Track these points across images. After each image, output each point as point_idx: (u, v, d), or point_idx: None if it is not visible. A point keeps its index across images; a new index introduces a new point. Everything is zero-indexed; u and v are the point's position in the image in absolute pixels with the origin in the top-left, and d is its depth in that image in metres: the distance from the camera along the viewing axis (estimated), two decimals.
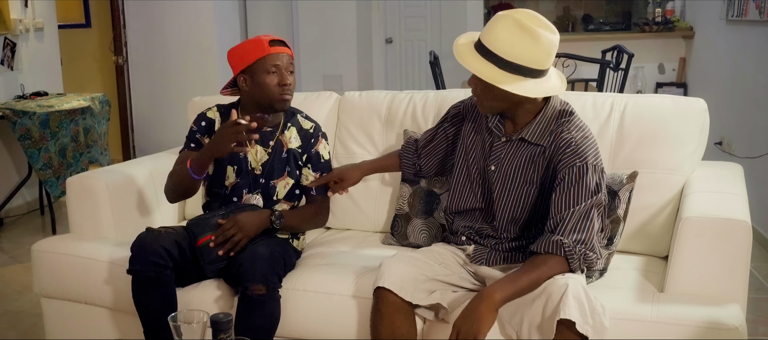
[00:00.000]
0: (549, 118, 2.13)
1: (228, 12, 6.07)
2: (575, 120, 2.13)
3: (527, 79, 2.03)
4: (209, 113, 2.60)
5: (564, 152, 2.06)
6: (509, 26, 2.01)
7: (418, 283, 2.10)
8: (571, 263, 1.99)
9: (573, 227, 1.99)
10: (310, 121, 2.62)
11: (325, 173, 2.57)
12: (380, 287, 2.07)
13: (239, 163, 2.51)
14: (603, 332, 1.91)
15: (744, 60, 4.65)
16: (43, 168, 4.52)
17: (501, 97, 2.07)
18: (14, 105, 4.59)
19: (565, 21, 7.53)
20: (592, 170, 2.03)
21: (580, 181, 2.02)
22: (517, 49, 2.00)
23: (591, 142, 2.09)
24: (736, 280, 2.09)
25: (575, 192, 2.01)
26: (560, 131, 2.09)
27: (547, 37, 2.03)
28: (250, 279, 2.21)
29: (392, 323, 2.06)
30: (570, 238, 1.99)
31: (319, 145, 2.59)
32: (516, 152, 2.16)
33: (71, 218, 2.79)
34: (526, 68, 2.02)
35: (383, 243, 2.72)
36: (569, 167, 2.04)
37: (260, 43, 2.44)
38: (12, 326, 3.31)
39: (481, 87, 2.08)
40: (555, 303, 1.91)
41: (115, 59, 6.00)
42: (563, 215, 2.01)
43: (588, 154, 2.05)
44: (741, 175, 2.61)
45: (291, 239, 2.57)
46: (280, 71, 2.44)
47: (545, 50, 2.03)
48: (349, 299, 2.27)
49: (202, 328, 1.73)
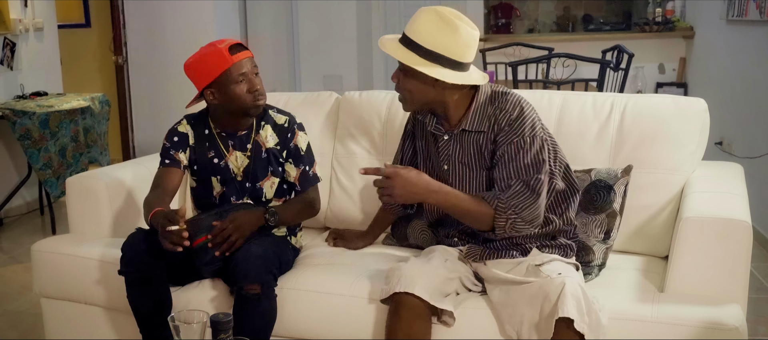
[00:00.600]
0: (483, 104, 2.17)
1: (228, 12, 6.07)
2: (510, 97, 2.17)
3: (446, 69, 2.08)
4: (180, 127, 2.54)
5: (502, 130, 2.12)
6: (430, 18, 2.08)
7: (436, 285, 2.10)
8: (497, 220, 2.07)
9: (514, 193, 2.06)
10: (283, 114, 2.56)
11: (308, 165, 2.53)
12: (402, 292, 2.04)
13: (222, 173, 2.50)
14: (599, 329, 1.92)
15: (744, 60, 4.65)
16: (43, 168, 4.52)
17: (422, 91, 2.13)
18: (14, 105, 4.59)
19: (565, 21, 7.53)
20: (529, 143, 2.09)
21: (519, 154, 2.08)
22: (437, 39, 2.07)
23: (527, 115, 2.12)
24: (736, 280, 2.09)
25: (514, 165, 2.08)
26: (497, 113, 2.14)
27: (466, 29, 2.10)
28: (244, 279, 2.20)
29: (410, 328, 2.05)
30: (508, 202, 2.06)
31: (297, 138, 2.53)
32: (461, 145, 2.21)
33: (71, 218, 2.79)
34: (445, 58, 2.08)
35: (383, 244, 2.72)
36: (508, 144, 2.10)
37: (220, 54, 2.35)
38: (12, 326, 3.31)
39: (403, 80, 2.14)
40: (552, 303, 1.92)
41: (115, 59, 6.00)
42: (509, 182, 2.09)
43: (524, 129, 2.10)
44: (741, 175, 2.61)
45: (289, 237, 2.56)
46: (248, 78, 2.38)
47: (464, 41, 2.09)
48: (349, 299, 2.27)
49: (202, 328, 1.73)
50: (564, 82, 4.24)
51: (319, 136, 2.94)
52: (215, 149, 2.50)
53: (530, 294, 2.00)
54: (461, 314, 2.14)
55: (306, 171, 2.53)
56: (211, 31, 5.81)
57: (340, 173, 2.91)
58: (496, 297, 2.14)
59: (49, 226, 4.77)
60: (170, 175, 2.48)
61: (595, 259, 2.33)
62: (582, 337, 1.89)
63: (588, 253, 2.34)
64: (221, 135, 2.51)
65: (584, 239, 2.35)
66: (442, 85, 2.12)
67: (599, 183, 2.38)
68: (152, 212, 2.27)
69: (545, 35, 7.21)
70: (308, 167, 2.54)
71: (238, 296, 2.23)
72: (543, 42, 6.00)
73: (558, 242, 2.23)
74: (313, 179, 2.55)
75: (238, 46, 2.40)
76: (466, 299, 2.19)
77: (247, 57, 2.40)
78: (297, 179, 2.53)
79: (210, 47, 2.38)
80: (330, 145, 2.95)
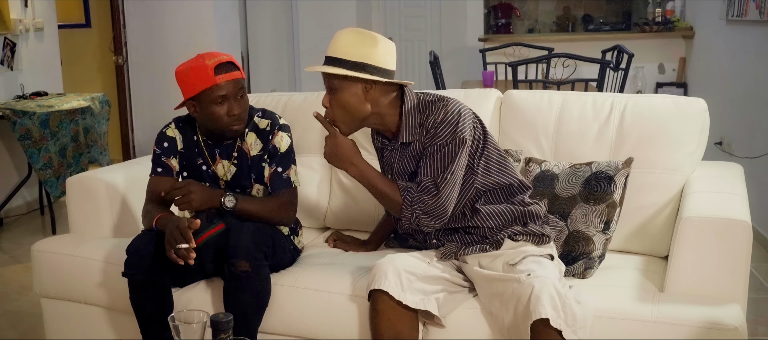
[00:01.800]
0: (411, 112, 2.23)
1: (228, 12, 6.07)
2: (438, 103, 2.21)
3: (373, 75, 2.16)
4: (169, 131, 2.50)
5: (429, 133, 2.18)
6: (349, 33, 2.19)
7: (410, 282, 2.11)
8: (404, 211, 2.17)
9: (422, 189, 2.16)
10: (267, 117, 2.50)
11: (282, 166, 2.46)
12: (376, 289, 2.08)
13: (211, 180, 2.48)
14: (576, 322, 1.93)
15: (744, 60, 4.65)
16: (43, 168, 4.52)
17: (354, 105, 2.19)
18: (14, 105, 4.59)
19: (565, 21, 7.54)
20: (446, 144, 2.15)
21: (435, 155, 2.15)
22: (360, 50, 2.15)
23: (450, 118, 2.16)
24: (736, 280, 2.09)
25: (431, 164, 2.16)
26: (426, 120, 2.20)
27: (384, 40, 2.21)
28: (234, 255, 2.20)
29: (393, 323, 2.07)
30: (416, 197, 2.15)
31: (275, 138, 2.46)
32: (400, 155, 2.27)
33: (71, 218, 2.80)
34: (371, 66, 2.15)
35: (386, 245, 2.72)
36: (430, 146, 2.17)
37: (205, 71, 2.30)
38: (12, 326, 3.31)
39: (333, 100, 2.21)
40: (524, 304, 1.94)
41: (115, 59, 6.00)
42: (420, 180, 2.17)
43: (446, 131, 2.16)
44: (741, 175, 2.61)
45: (291, 236, 2.56)
46: (228, 101, 2.33)
47: (385, 49, 2.19)
48: (349, 298, 2.27)
49: (202, 328, 1.73)
50: (564, 82, 4.24)
51: (319, 136, 2.94)
52: (203, 157, 2.49)
53: (505, 297, 2.03)
54: (456, 314, 2.16)
55: (278, 172, 2.45)
56: (211, 31, 5.82)
57: (340, 173, 2.91)
58: (482, 296, 2.17)
59: (49, 226, 4.77)
60: (165, 183, 2.45)
61: (595, 249, 2.34)
62: (560, 334, 1.90)
63: (588, 243, 2.34)
64: (207, 143, 2.49)
65: (584, 229, 2.35)
66: (373, 95, 2.19)
67: (600, 174, 2.39)
68: (159, 216, 2.28)
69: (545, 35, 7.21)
70: (281, 169, 2.46)
71: (228, 273, 2.22)
72: (543, 42, 6.01)
73: (529, 230, 2.24)
74: (285, 182, 2.46)
75: (228, 64, 2.35)
76: (462, 300, 2.19)
77: (232, 79, 2.34)
78: (269, 179, 2.47)
79: (199, 60, 2.34)
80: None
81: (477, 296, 2.20)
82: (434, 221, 2.18)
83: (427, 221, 2.17)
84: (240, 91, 2.37)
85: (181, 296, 2.39)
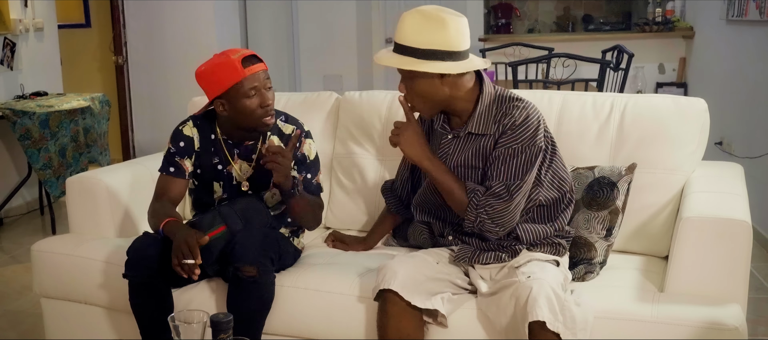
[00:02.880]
0: (488, 105, 2.18)
1: (228, 12, 6.07)
2: (519, 103, 2.17)
3: (447, 62, 2.09)
4: (185, 130, 2.46)
5: (505, 133, 2.13)
6: (416, 19, 2.10)
7: (419, 283, 2.10)
8: (467, 213, 2.13)
9: (492, 193, 2.10)
10: (291, 123, 2.50)
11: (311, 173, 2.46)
12: (385, 289, 2.07)
13: (225, 179, 2.46)
14: (575, 325, 1.92)
15: (744, 60, 4.65)
16: (43, 168, 4.52)
17: (432, 91, 2.13)
18: (14, 105, 4.59)
19: (565, 21, 7.54)
20: (524, 151, 2.11)
21: (511, 159, 2.11)
22: (428, 37, 2.07)
23: (531, 123, 2.13)
24: (736, 280, 2.09)
25: (505, 169, 2.11)
26: (502, 116, 2.15)
27: (453, 19, 2.11)
28: (240, 260, 2.19)
29: (399, 323, 2.06)
30: (484, 201, 2.10)
31: (304, 146, 2.47)
32: (464, 146, 2.21)
33: (71, 218, 2.79)
34: (442, 52, 2.08)
35: (384, 244, 2.72)
36: (504, 147, 2.12)
37: (233, 65, 2.27)
38: (12, 326, 3.31)
39: (410, 87, 2.15)
40: (522, 306, 1.93)
41: (115, 59, 6.00)
42: (490, 183, 2.12)
43: (525, 136, 2.12)
44: (741, 175, 2.61)
45: (291, 238, 2.56)
46: (260, 92, 2.31)
47: (455, 31, 2.10)
48: (351, 298, 2.27)
49: (202, 328, 1.73)
50: (564, 82, 4.24)
51: (319, 137, 2.94)
52: (220, 156, 2.46)
53: (504, 298, 2.02)
54: (457, 315, 2.15)
55: (308, 179, 2.47)
56: (211, 31, 5.82)
57: (340, 173, 2.91)
58: (482, 297, 2.16)
59: (49, 226, 4.77)
60: (175, 185, 2.43)
61: (597, 256, 2.33)
62: (558, 336, 1.89)
63: (590, 249, 2.34)
64: (227, 142, 2.46)
65: (586, 235, 2.35)
66: (450, 80, 2.13)
67: (603, 180, 2.38)
68: (167, 221, 2.25)
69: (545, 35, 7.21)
70: (311, 175, 2.48)
71: (233, 277, 2.21)
72: (543, 42, 6.00)
73: (549, 240, 2.23)
74: (316, 188, 2.48)
75: (253, 57, 2.33)
76: (464, 301, 2.19)
77: (261, 69, 2.33)
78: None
79: (223, 57, 2.31)
80: (330, 145, 2.95)
81: (477, 297, 2.20)
82: (499, 229, 2.13)
83: (492, 227, 2.13)
84: (268, 82, 2.36)
85: (180, 295, 2.39)
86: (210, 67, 2.32)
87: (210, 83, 2.32)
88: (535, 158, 2.12)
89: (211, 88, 2.33)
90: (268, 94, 2.34)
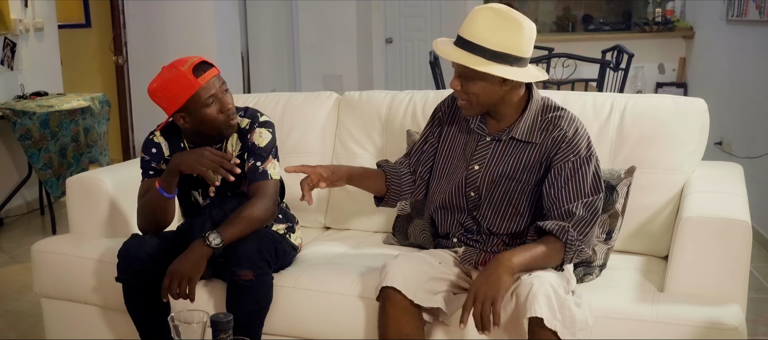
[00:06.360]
0: (535, 113, 2.14)
1: (228, 12, 6.07)
2: (565, 114, 2.14)
3: (511, 67, 2.04)
4: (155, 138, 2.45)
5: (559, 147, 2.08)
6: (489, 16, 2.03)
7: (421, 283, 2.10)
8: (566, 254, 2.03)
9: (578, 220, 2.03)
10: (248, 116, 2.44)
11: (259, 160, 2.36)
12: (386, 286, 2.06)
13: (201, 185, 2.45)
14: (574, 325, 1.91)
15: (744, 60, 4.65)
16: (43, 168, 4.52)
17: (489, 92, 2.07)
18: (14, 105, 4.59)
19: (565, 21, 7.53)
20: (587, 163, 2.07)
21: (577, 174, 2.06)
22: (502, 39, 2.01)
23: (582, 133, 2.12)
24: (736, 280, 2.09)
25: (573, 186, 2.06)
26: (552, 127, 2.11)
27: (529, 24, 2.07)
28: (237, 264, 2.19)
29: (399, 323, 2.05)
30: (576, 231, 2.02)
31: (253, 135, 2.40)
32: (505, 151, 2.17)
33: (71, 218, 2.79)
34: (510, 56, 2.02)
35: (384, 243, 2.72)
36: (564, 162, 2.07)
37: (185, 78, 2.22)
38: (12, 326, 3.31)
39: (466, 84, 2.08)
40: (522, 302, 1.93)
41: (115, 59, 6.00)
42: (570, 208, 2.03)
43: (581, 147, 2.08)
44: (741, 175, 2.61)
45: (287, 235, 2.55)
46: (217, 98, 2.27)
47: (528, 36, 2.05)
48: (351, 298, 2.27)
49: (202, 328, 1.73)
50: (564, 82, 4.24)
51: (319, 136, 2.94)
52: None
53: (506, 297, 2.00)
54: (457, 315, 2.14)
55: (255, 166, 2.37)
56: (211, 31, 5.82)
57: None
58: None
59: (49, 226, 4.77)
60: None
61: (596, 259, 2.33)
62: (556, 334, 1.89)
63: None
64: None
65: None
66: (510, 85, 2.08)
67: None
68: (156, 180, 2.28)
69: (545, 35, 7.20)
70: (260, 163, 2.38)
71: (230, 281, 2.21)
72: (543, 42, 6.00)
73: None
74: (261, 174, 2.36)
75: (203, 64, 2.28)
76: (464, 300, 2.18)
77: (214, 76, 2.28)
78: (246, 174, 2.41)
79: (173, 70, 2.25)
80: (330, 145, 2.95)
81: None
82: (590, 248, 2.09)
83: (588, 251, 2.08)
84: (223, 86, 2.32)
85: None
86: (162, 82, 2.26)
87: (165, 99, 2.27)
88: (598, 168, 2.10)
89: (168, 104, 2.28)
90: (226, 98, 2.30)
